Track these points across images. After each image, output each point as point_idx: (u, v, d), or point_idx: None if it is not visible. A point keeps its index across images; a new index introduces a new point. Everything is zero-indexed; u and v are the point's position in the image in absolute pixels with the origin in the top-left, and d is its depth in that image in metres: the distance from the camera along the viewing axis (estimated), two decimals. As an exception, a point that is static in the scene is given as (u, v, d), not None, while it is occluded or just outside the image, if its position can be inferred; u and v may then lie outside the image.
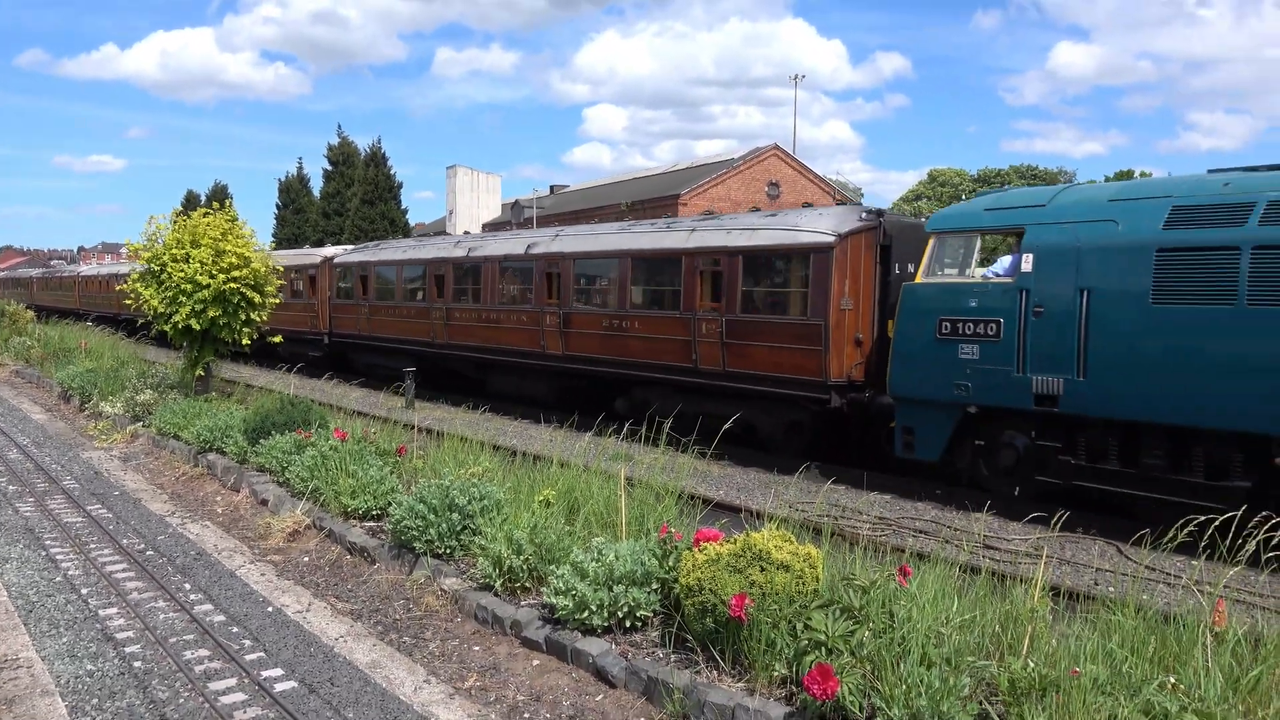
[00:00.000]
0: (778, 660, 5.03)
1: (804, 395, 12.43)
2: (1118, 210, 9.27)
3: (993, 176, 69.71)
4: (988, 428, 10.46)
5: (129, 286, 14.95)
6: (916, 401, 10.80)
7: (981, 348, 10.00)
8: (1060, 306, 9.39)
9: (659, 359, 14.34)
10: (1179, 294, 8.61)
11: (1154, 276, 8.73)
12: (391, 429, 11.82)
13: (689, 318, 13.82)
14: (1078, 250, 9.33)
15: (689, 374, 13.88)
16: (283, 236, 57.69)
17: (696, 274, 13.77)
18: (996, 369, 9.88)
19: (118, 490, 11.04)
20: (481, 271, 18.46)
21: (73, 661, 5.99)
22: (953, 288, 10.37)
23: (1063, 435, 9.79)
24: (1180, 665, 4.60)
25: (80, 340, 24.17)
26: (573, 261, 16.21)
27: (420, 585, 7.31)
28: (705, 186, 46.14)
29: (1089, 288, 9.20)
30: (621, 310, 15.19)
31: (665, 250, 14.58)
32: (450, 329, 19.29)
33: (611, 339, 15.21)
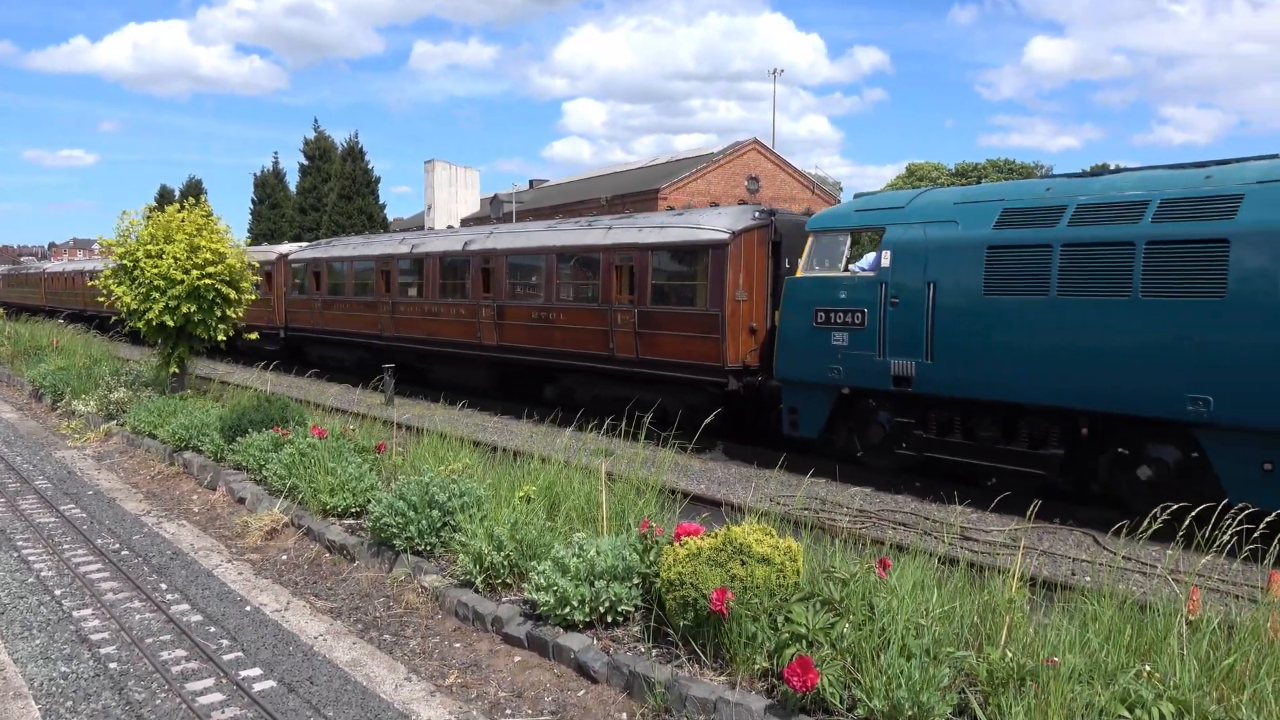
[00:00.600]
0: (758, 653, 5.04)
1: (705, 380, 13.39)
2: (959, 211, 10.43)
3: (970, 170, 70.18)
4: (859, 407, 11.53)
5: (101, 283, 14.75)
6: (799, 384, 11.88)
7: (850, 335, 11.11)
8: (912, 297, 10.47)
9: (581, 348, 15.25)
10: (1005, 286, 9.72)
11: (985, 271, 9.84)
12: (370, 426, 11.75)
13: (606, 309, 14.77)
14: (926, 247, 10.42)
15: (607, 361, 14.79)
16: (259, 232, 57.13)
17: (613, 269, 14.69)
18: (862, 354, 10.97)
19: (91, 490, 10.90)
20: (424, 267, 19.32)
21: (46, 664, 5.91)
22: (826, 281, 11.42)
23: (917, 412, 10.89)
24: (1156, 653, 4.66)
25: (52, 338, 23.84)
26: (505, 258, 17.11)
27: (400, 583, 7.27)
28: (685, 181, 46.13)
29: (935, 281, 10.28)
30: (548, 303, 16.10)
31: (585, 246, 15.50)
32: (396, 322, 20.13)
33: (539, 330, 16.17)
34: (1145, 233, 8.80)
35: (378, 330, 20.95)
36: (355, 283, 22.04)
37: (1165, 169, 9.68)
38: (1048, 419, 9.80)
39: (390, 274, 20.63)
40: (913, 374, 10.47)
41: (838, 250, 11.60)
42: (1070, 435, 9.70)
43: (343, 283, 22.72)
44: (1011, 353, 9.65)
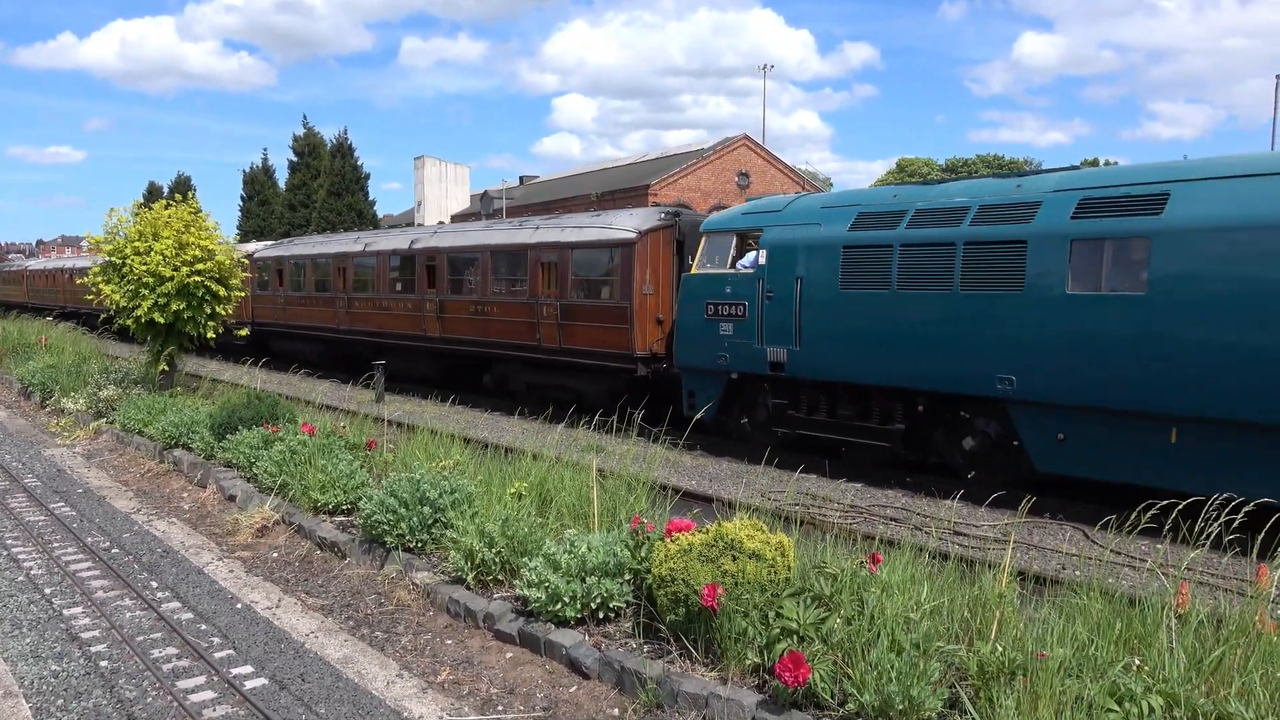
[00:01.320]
0: (750, 649, 5.05)
1: (618, 366, 14.64)
2: (823, 215, 11.64)
3: (960, 165, 70.42)
4: (746, 390, 12.76)
5: (90, 280, 14.66)
6: (695, 370, 13.10)
7: (735, 326, 12.32)
8: (784, 292, 11.69)
9: (513, 339, 16.60)
10: (857, 281, 10.97)
11: (841, 267, 11.08)
12: (361, 423, 11.72)
13: (533, 303, 16.07)
14: (796, 247, 11.62)
15: (535, 351, 16.14)
16: (248, 229, 56.90)
17: (539, 265, 15.98)
18: (745, 342, 12.19)
19: (81, 488, 10.84)
20: (375, 264, 20.57)
21: (37, 662, 5.88)
22: (715, 277, 12.62)
23: (791, 394, 12.15)
24: (1145, 647, 4.69)
25: (40, 335, 23.69)
26: (447, 255, 18.29)
27: (392, 580, 7.26)
28: (675, 177, 46.09)
29: (802, 277, 11.49)
30: (484, 298, 17.35)
31: (515, 245, 16.74)
32: (351, 316, 21.38)
33: (477, 322, 17.44)
34: (964, 234, 10.02)
35: (335, 324, 22.05)
36: (314, 279, 23.12)
37: (991, 178, 11.07)
38: (893, 398, 11.12)
39: (345, 271, 21.62)
40: (785, 360, 11.76)
41: (726, 250, 12.69)
42: (911, 412, 11.01)
43: (302, 279, 23.75)
44: (863, 340, 10.95)
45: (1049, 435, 9.56)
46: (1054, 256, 9.24)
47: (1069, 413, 9.35)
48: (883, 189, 12.20)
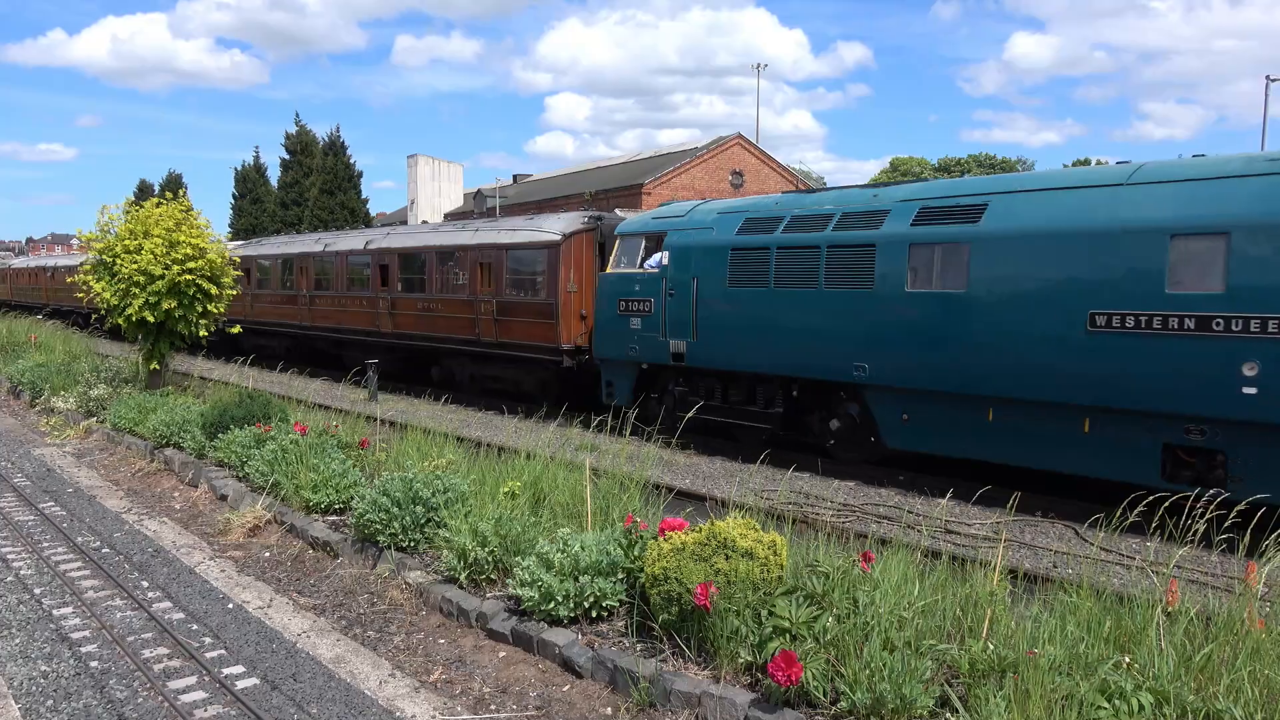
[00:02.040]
0: (743, 647, 5.06)
1: (546, 358, 15.84)
2: (717, 220, 12.85)
3: (953, 165, 70.56)
4: (656, 379, 13.95)
5: (80, 278, 14.59)
6: (611, 361, 14.27)
7: (643, 320, 13.49)
8: (683, 289, 12.88)
9: (456, 334, 17.76)
10: (742, 280, 12.13)
11: (729, 267, 12.28)
12: (354, 422, 11.69)
13: (473, 300, 17.24)
14: (693, 248, 12.85)
15: (475, 345, 17.31)
16: (240, 227, 56.70)
17: (478, 265, 17.15)
18: (651, 336, 13.37)
19: (71, 487, 10.79)
20: (333, 264, 21.73)
21: (26, 663, 5.86)
22: (626, 276, 13.83)
23: (691, 382, 13.36)
24: (1135, 645, 4.71)
25: (30, 334, 23.57)
26: (397, 256, 19.47)
27: (384, 579, 7.25)
28: (669, 176, 46.08)
29: (698, 276, 12.68)
30: (430, 295, 18.53)
31: (457, 246, 17.87)
32: (314, 313, 22.44)
33: (425, 318, 18.65)
34: (827, 238, 11.29)
35: (299, 321, 23.12)
36: (280, 278, 24.14)
37: (856, 189, 12.31)
38: (774, 385, 12.37)
39: (308, 270, 22.72)
40: (685, 352, 12.96)
41: (636, 251, 13.85)
42: (788, 397, 12.27)
43: (269, 278, 24.76)
44: (747, 333, 12.13)
45: (896, 416, 10.89)
46: (897, 259, 10.53)
47: (911, 396, 10.63)
48: (768, 197, 13.46)
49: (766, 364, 12.03)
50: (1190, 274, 8.54)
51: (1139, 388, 8.80)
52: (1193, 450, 8.78)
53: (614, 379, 14.32)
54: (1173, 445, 8.83)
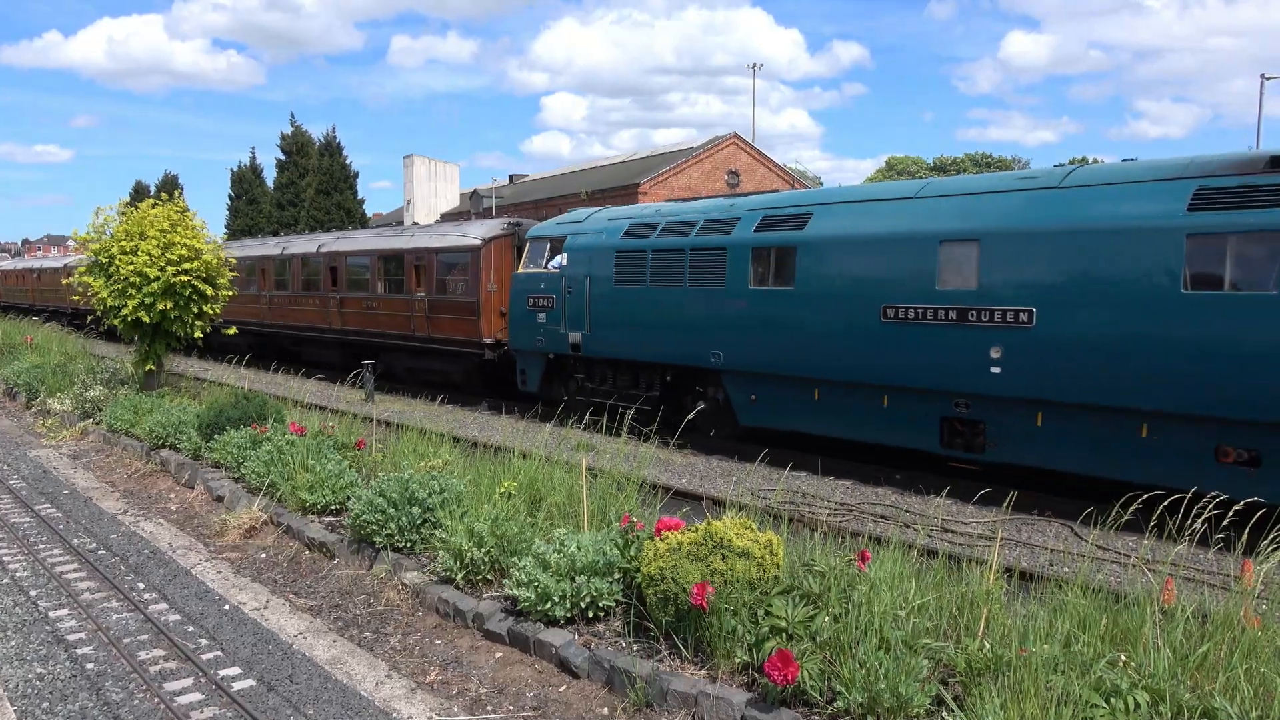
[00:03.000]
0: (739, 647, 5.06)
1: (470, 351, 17.49)
2: (608, 226, 14.45)
3: (949, 164, 70.65)
4: (562, 367, 15.46)
5: (76, 279, 14.56)
6: (523, 352, 15.89)
7: (547, 315, 15.06)
8: (579, 287, 14.44)
9: (395, 330, 19.48)
10: (626, 279, 13.71)
11: (615, 268, 13.86)
12: (350, 422, 11.67)
13: (409, 299, 18.94)
14: (587, 251, 14.43)
15: (410, 340, 19.01)
16: (236, 228, 56.59)
17: (412, 267, 18.85)
18: (555, 328, 14.93)
19: (67, 489, 10.77)
20: (290, 266, 23.30)
21: (22, 665, 5.84)
22: (534, 275, 15.41)
23: (588, 370, 15.00)
24: (1131, 643, 4.71)
25: (25, 335, 23.53)
26: (345, 258, 21.13)
27: (381, 580, 7.24)
28: (665, 175, 46.07)
29: (590, 275, 14.26)
30: (373, 295, 20.24)
31: (395, 249, 19.55)
32: (274, 312, 23.97)
33: (368, 316, 20.42)
34: (691, 242, 12.87)
35: (261, 319, 24.60)
36: (244, 279, 25.10)
37: (720, 198, 14.14)
38: (652, 371, 13.99)
39: (268, 272, 24.33)
40: (581, 342, 14.51)
41: (542, 253, 15.44)
42: (664, 382, 13.83)
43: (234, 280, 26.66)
44: (630, 326, 13.75)
45: (746, 397, 12.50)
46: (743, 260, 12.15)
47: (756, 379, 12.26)
48: (651, 205, 15.25)
49: (646, 353, 13.70)
50: (953, 274, 10.06)
51: (920, 369, 10.34)
52: (962, 421, 10.30)
53: (526, 367, 15.99)
54: (948, 417, 10.36)
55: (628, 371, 14.38)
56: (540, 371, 15.66)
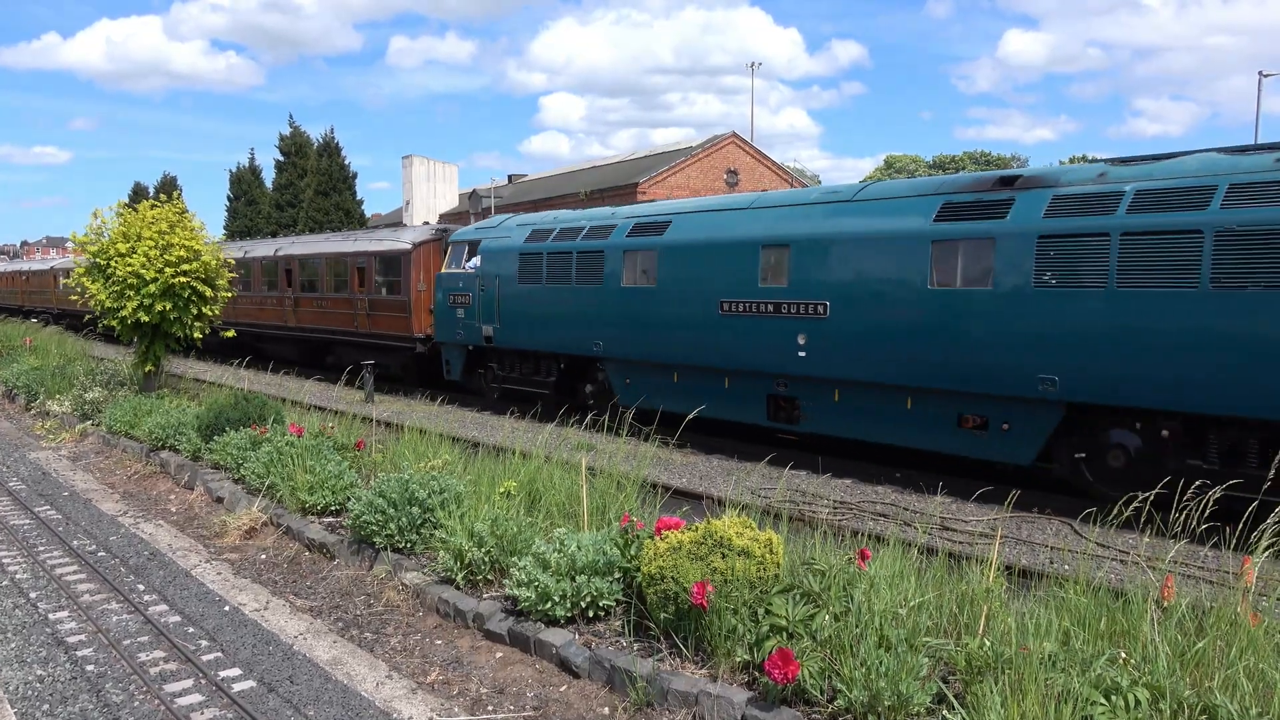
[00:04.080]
0: (739, 646, 5.06)
1: (404, 345, 19.45)
2: (514, 230, 16.33)
3: (947, 163, 70.65)
4: (480, 357, 17.24)
5: (74, 280, 14.56)
6: (447, 344, 17.69)
7: (465, 310, 16.78)
8: (490, 285, 16.21)
9: (342, 327, 21.53)
10: (527, 278, 15.47)
11: (519, 268, 15.64)
12: (350, 423, 11.67)
13: (353, 298, 20.95)
14: (497, 253, 16.23)
15: (355, 335, 21.04)
16: (235, 229, 56.55)
17: (355, 269, 20.85)
18: (471, 323, 16.64)
19: (67, 490, 10.77)
20: (252, 268, 25.07)
21: (22, 667, 5.84)
22: (455, 275, 17.17)
23: (499, 359, 16.87)
24: (1130, 639, 4.72)
25: (24, 337, 23.52)
26: (299, 261, 23.00)
27: (381, 580, 7.24)
28: (664, 175, 46.07)
29: (499, 275, 16.01)
30: (322, 294, 22.17)
31: (340, 253, 21.60)
32: (238, 311, 24.86)
33: (319, 314, 22.36)
34: (577, 246, 14.68)
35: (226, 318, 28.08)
36: None
37: (607, 208, 15.72)
38: (551, 360, 15.76)
39: None
40: (493, 335, 16.24)
41: (462, 255, 17.23)
42: (559, 369, 15.61)
43: None
44: (531, 320, 15.48)
45: (622, 380, 14.30)
46: (617, 262, 13.87)
47: (629, 365, 14.05)
48: (552, 213, 16.88)
49: (544, 344, 15.47)
50: (772, 273, 11.87)
51: (749, 354, 12.15)
52: (783, 398, 12.12)
53: (450, 359, 17.87)
54: (773, 395, 12.19)
55: (531, 360, 16.25)
56: (462, 362, 17.48)
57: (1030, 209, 9.66)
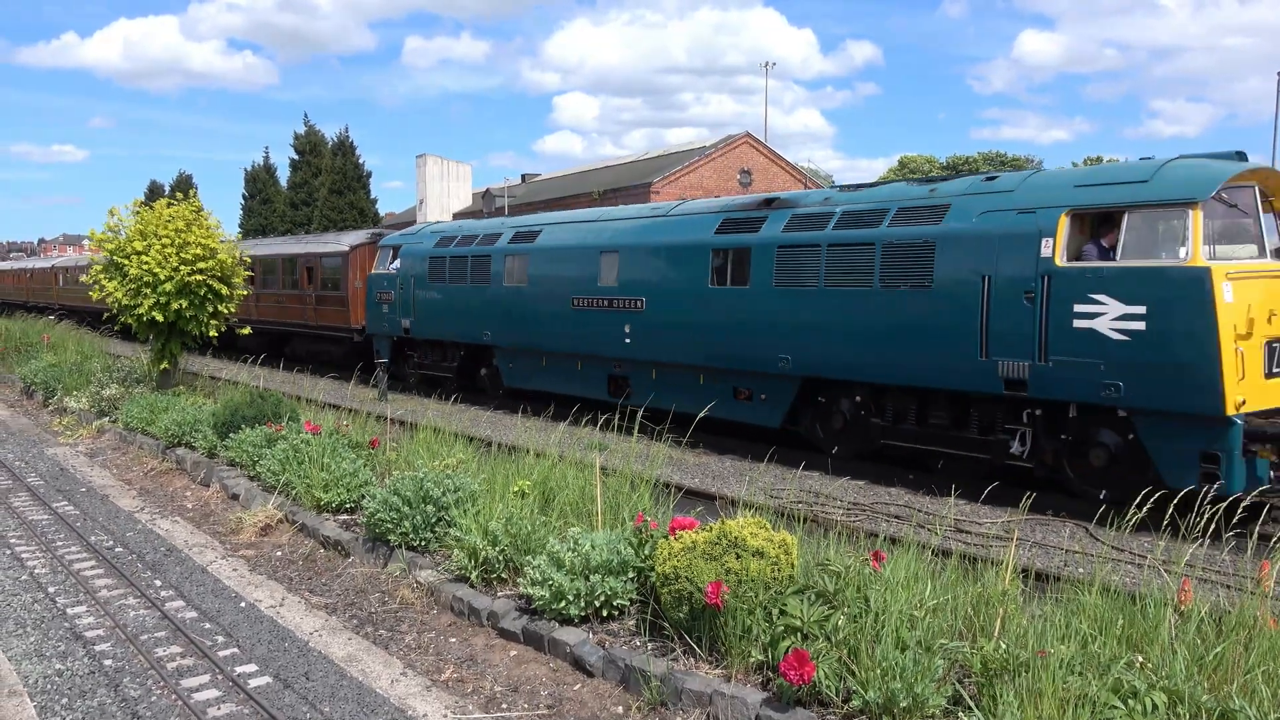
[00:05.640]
0: (754, 646, 5.06)
1: (345, 336, 22.24)
2: (428, 237, 19.02)
3: (961, 163, 70.33)
4: (404, 347, 19.72)
5: (91, 278, 14.67)
6: (377, 335, 20.22)
7: (389, 306, 19.36)
8: (407, 285, 18.74)
9: (295, 320, 24.18)
10: (435, 278, 18.19)
11: (429, 270, 18.17)
12: (364, 421, 11.72)
13: (303, 294, 23.65)
14: (411, 256, 18.75)
15: (306, 328, 23.86)
16: (250, 227, 56.86)
17: (304, 268, 23.66)
18: (394, 317, 19.24)
19: (85, 487, 10.86)
20: None
21: (41, 661, 5.90)
22: (380, 275, 19.83)
23: (416, 349, 19.37)
24: (1148, 644, 4.69)
25: (42, 334, 23.72)
26: (260, 261, 24.62)
27: (395, 578, 7.27)
28: (677, 175, 46.06)
29: (414, 275, 18.51)
30: (280, 290, 24.80)
31: (293, 253, 24.30)
32: None
33: (278, 308, 24.88)
34: (472, 250, 17.23)
35: None
36: None
37: (499, 219, 19.28)
38: (454, 349, 18.24)
39: None
40: (410, 327, 18.73)
41: (389, 257, 19.79)
42: (461, 357, 18.10)
43: None
44: (438, 314, 18.00)
45: (507, 365, 16.82)
46: (501, 264, 16.52)
47: (511, 352, 16.64)
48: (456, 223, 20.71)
49: (447, 334, 17.97)
50: (607, 274, 14.35)
51: (592, 342, 14.62)
52: (617, 378, 14.60)
53: (380, 347, 20.28)
54: (611, 375, 14.67)
55: (440, 349, 18.69)
56: (389, 350, 19.92)
57: (776, 225, 12.15)
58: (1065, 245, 9.37)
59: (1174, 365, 8.62)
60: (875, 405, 11.43)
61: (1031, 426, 10.01)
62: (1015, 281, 9.60)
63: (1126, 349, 8.87)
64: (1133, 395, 8.91)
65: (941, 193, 10.80)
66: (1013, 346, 9.64)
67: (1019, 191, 10.12)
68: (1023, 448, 10.08)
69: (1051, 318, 9.33)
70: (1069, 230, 9.42)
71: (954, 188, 10.85)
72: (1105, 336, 8.99)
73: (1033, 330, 9.48)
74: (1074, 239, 9.49)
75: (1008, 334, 9.67)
